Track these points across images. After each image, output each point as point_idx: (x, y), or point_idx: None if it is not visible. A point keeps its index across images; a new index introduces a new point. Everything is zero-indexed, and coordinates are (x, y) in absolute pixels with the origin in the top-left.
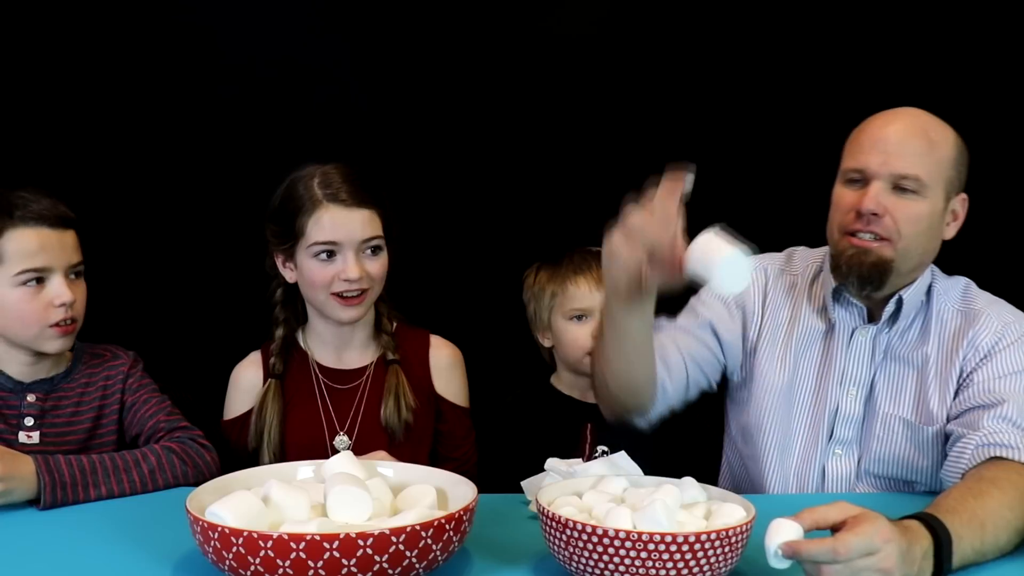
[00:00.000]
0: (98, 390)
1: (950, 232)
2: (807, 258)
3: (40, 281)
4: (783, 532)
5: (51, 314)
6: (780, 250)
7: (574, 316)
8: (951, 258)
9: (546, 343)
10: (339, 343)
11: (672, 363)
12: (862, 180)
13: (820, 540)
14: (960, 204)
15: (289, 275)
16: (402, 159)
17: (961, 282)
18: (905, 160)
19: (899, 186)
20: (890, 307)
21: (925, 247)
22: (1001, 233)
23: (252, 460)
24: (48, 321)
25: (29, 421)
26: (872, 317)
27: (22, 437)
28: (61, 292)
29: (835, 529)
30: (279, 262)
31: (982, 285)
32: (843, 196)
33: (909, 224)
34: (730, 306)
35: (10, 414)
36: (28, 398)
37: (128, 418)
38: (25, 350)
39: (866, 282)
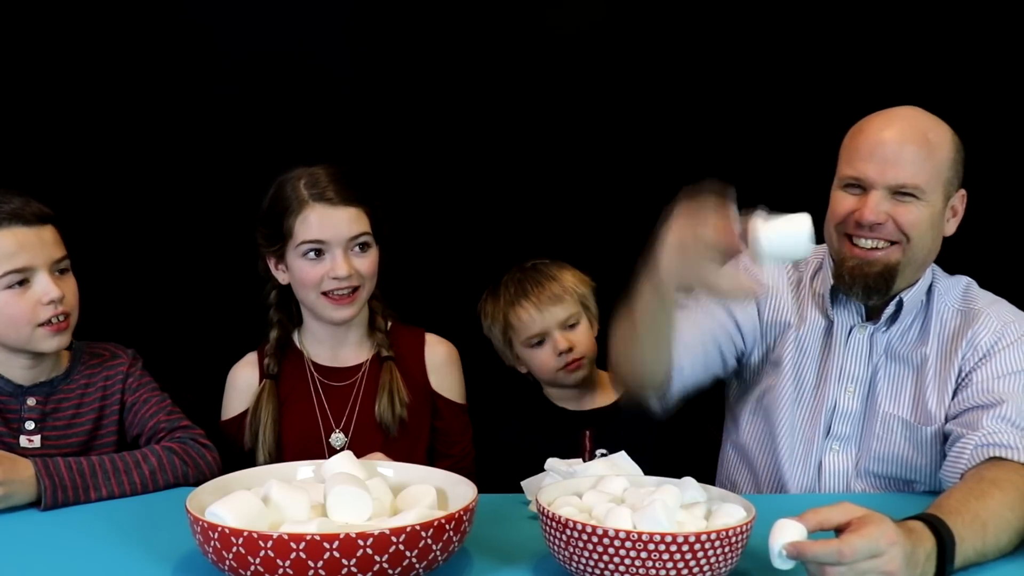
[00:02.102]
0: (98, 391)
1: (950, 228)
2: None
3: (24, 282)
4: (787, 533)
5: (40, 313)
6: None
7: (531, 343)
8: (952, 257)
9: (522, 370)
10: (334, 342)
11: (690, 345)
12: (860, 187)
13: (825, 541)
14: (959, 200)
15: (282, 277)
16: (397, 157)
17: (962, 282)
18: (904, 169)
19: (899, 192)
20: (890, 308)
21: (929, 247)
22: (1003, 231)
23: (251, 460)
24: (38, 320)
25: (30, 425)
26: (870, 315)
27: (23, 441)
28: (48, 290)
29: (839, 530)
30: (271, 264)
31: (984, 284)
32: (841, 201)
33: (913, 227)
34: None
35: (11, 418)
36: (28, 402)
37: (129, 418)
38: (24, 353)
39: (872, 291)
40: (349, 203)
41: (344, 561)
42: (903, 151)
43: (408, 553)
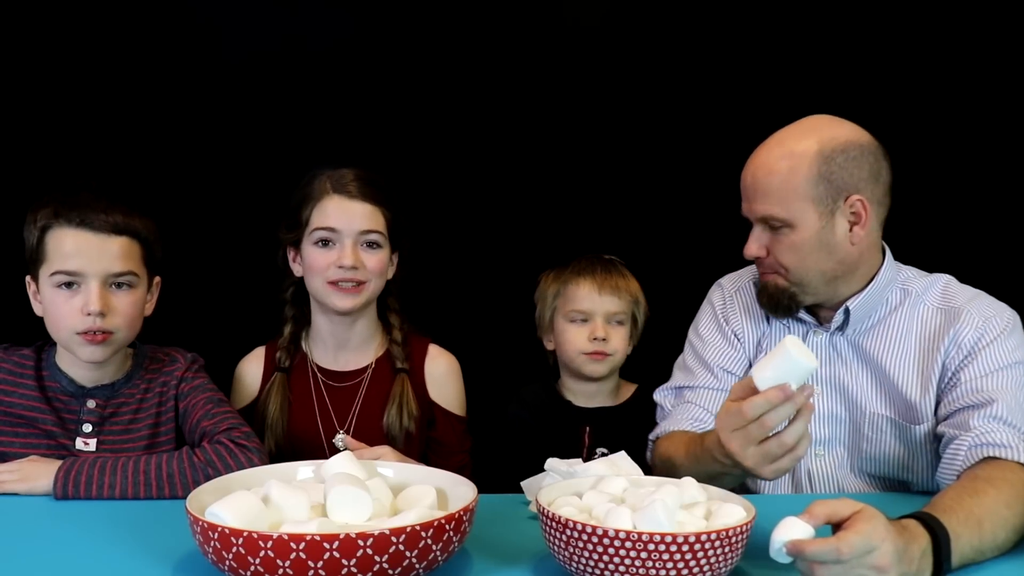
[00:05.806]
0: (155, 396)
1: (858, 236)
2: None
3: (72, 285)
4: (794, 531)
5: (78, 321)
6: None
7: (573, 318)
8: (951, 256)
9: (549, 346)
10: (336, 343)
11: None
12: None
13: (824, 540)
14: (858, 205)
15: (297, 269)
16: (405, 161)
17: (941, 280)
18: (760, 203)
19: (769, 224)
20: (838, 317)
21: (822, 267)
22: (999, 230)
23: None
24: (76, 328)
25: (87, 428)
26: (822, 323)
27: (79, 443)
28: (89, 300)
29: (834, 527)
30: (290, 256)
31: (986, 285)
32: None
33: (787, 256)
34: (728, 335)
35: (69, 419)
36: (88, 404)
37: (184, 425)
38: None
39: (776, 308)
40: (366, 200)
41: (344, 561)
42: (757, 186)
43: (408, 553)
